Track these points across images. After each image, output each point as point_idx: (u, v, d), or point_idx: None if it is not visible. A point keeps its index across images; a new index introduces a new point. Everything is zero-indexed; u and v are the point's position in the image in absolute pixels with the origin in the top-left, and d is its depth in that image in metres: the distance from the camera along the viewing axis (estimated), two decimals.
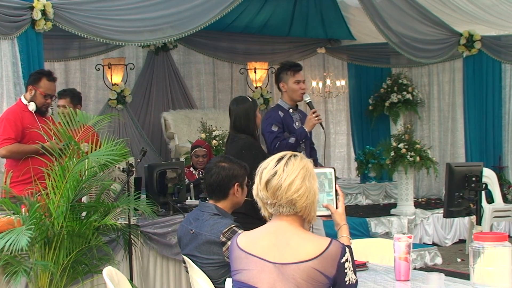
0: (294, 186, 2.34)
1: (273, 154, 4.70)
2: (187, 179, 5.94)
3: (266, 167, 2.40)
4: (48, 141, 4.37)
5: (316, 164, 5.12)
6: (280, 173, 2.35)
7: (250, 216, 3.58)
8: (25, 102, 4.82)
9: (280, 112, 4.95)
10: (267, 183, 2.37)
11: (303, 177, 2.35)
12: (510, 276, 2.74)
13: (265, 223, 2.47)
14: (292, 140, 4.84)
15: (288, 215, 2.38)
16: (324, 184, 2.81)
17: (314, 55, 10.98)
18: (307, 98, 4.98)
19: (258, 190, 2.41)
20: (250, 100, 4.63)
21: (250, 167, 3.48)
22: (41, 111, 4.85)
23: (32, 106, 4.80)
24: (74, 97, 5.65)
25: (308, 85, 11.17)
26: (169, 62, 9.96)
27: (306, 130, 4.86)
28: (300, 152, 4.84)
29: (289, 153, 2.44)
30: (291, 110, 5.01)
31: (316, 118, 4.84)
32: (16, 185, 4.46)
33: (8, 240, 3.52)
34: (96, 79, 9.45)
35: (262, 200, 2.41)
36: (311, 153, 5.15)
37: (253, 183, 2.46)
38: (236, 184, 3.46)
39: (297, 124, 4.97)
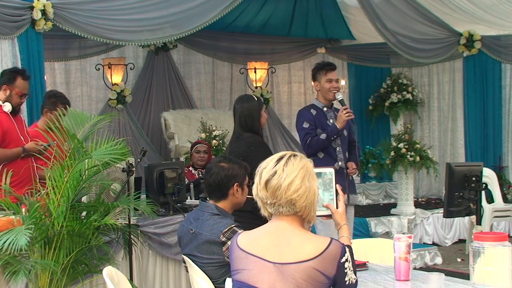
0: (294, 186, 2.34)
1: (305, 149, 4.79)
2: (187, 179, 5.94)
3: (266, 167, 2.40)
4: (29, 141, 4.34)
5: (358, 163, 5.19)
6: (279, 173, 2.35)
7: (256, 215, 3.59)
8: None
9: (312, 110, 5.06)
10: (267, 182, 2.37)
11: (303, 177, 2.35)
12: (510, 276, 2.74)
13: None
14: (323, 136, 4.92)
15: (288, 215, 2.38)
16: (324, 184, 2.81)
17: (314, 55, 10.96)
18: (339, 96, 5.05)
19: (258, 190, 2.41)
20: (255, 99, 4.63)
21: (258, 165, 3.49)
22: (15, 111, 4.74)
23: (8, 107, 4.67)
24: None
25: (309, 85, 11.19)
26: (169, 62, 9.95)
27: (338, 127, 4.91)
28: (336, 148, 4.92)
29: (289, 152, 2.44)
30: (325, 109, 5.08)
31: (346, 115, 4.89)
32: (14, 185, 4.43)
33: (7, 240, 3.52)
34: (96, 79, 9.45)
35: (262, 200, 2.41)
36: (351, 151, 5.18)
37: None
38: (236, 184, 3.46)
39: (331, 121, 5.04)
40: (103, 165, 4.01)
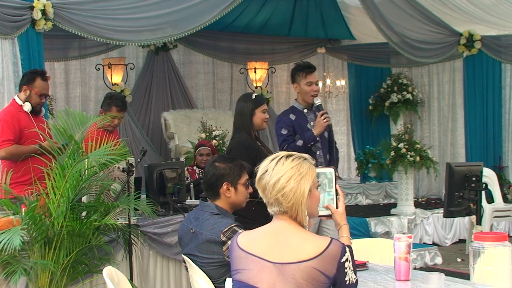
0: (278, 185, 2.36)
1: None
2: (190, 178, 5.95)
3: (261, 166, 2.44)
4: (48, 140, 4.36)
5: (337, 166, 5.15)
6: (269, 172, 2.39)
7: (241, 216, 3.61)
8: (20, 102, 4.81)
9: (291, 116, 4.95)
10: (259, 181, 2.42)
11: (290, 177, 2.36)
12: (510, 276, 2.74)
13: (259, 224, 2.49)
14: (299, 143, 4.83)
15: (283, 214, 2.39)
16: (324, 184, 2.81)
17: (314, 55, 10.97)
18: (317, 101, 4.94)
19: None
20: (252, 98, 4.57)
21: None
22: (35, 111, 4.85)
23: (27, 107, 4.79)
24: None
25: None
26: (169, 62, 9.96)
27: (315, 133, 4.84)
28: (316, 152, 4.88)
29: (284, 153, 2.45)
30: (305, 111, 5.00)
31: (324, 120, 4.82)
32: (16, 186, 4.45)
33: (2, 240, 3.52)
34: (96, 79, 9.46)
35: (262, 198, 2.44)
36: (330, 153, 5.11)
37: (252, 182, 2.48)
38: (225, 183, 3.45)
39: (312, 124, 4.95)
40: (101, 166, 4.02)
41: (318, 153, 4.92)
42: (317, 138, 4.85)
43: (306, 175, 2.39)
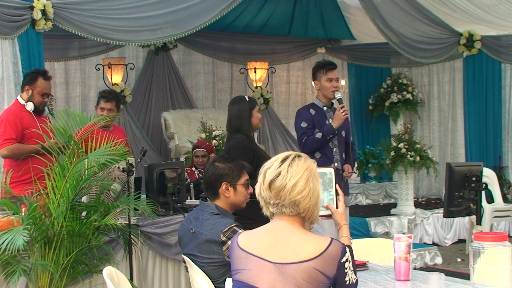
0: (298, 187, 2.34)
1: (301, 148, 4.91)
2: (189, 179, 5.95)
3: (270, 167, 2.40)
4: (47, 140, 4.37)
5: (353, 166, 5.25)
6: (284, 174, 2.35)
7: (243, 217, 3.62)
8: (22, 102, 4.84)
9: (311, 110, 5.12)
10: (271, 183, 2.37)
11: (307, 178, 2.35)
12: (510, 276, 2.74)
13: (259, 224, 2.48)
14: (318, 135, 4.98)
15: (290, 215, 2.38)
16: (324, 184, 2.82)
17: (314, 55, 10.96)
18: (337, 95, 5.09)
19: (261, 190, 2.41)
20: (247, 100, 4.66)
21: None
22: (38, 110, 4.88)
23: (30, 106, 4.82)
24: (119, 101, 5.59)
25: (308, 85, 11.19)
26: (169, 62, 9.95)
27: (334, 126, 4.94)
28: (333, 149, 4.97)
29: (293, 153, 2.44)
30: (325, 108, 5.14)
31: (343, 113, 4.94)
32: (16, 185, 4.47)
33: (5, 240, 3.53)
34: (96, 79, 9.44)
35: (264, 200, 2.41)
36: (347, 153, 5.22)
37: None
38: (224, 183, 3.45)
39: (330, 121, 5.08)
40: (100, 166, 4.02)
41: (334, 150, 5.06)
42: (336, 131, 4.98)
43: (317, 175, 2.40)
